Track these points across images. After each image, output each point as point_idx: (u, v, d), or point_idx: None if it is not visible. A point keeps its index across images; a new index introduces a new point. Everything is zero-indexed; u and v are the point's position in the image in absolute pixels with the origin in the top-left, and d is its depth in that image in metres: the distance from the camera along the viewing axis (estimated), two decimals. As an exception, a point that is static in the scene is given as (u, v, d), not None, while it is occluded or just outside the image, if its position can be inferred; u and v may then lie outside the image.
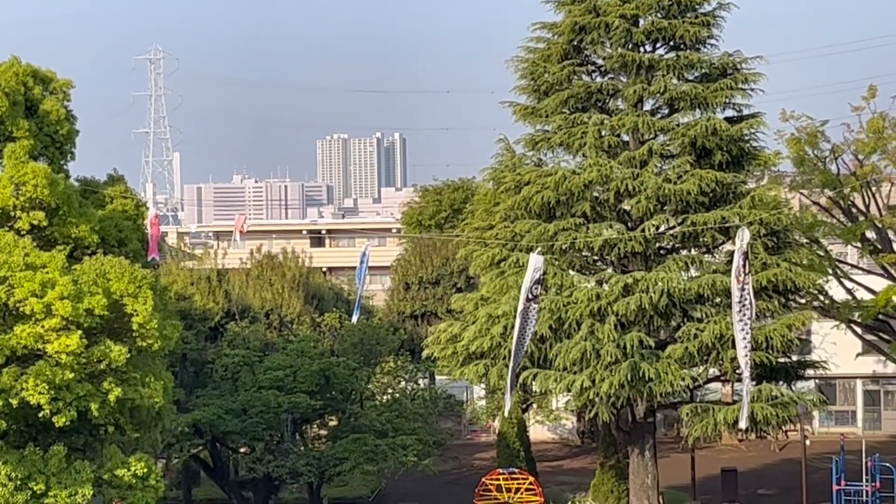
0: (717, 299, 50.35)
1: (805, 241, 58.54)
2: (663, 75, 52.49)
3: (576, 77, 53.37)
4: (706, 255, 53.07)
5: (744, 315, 43.82)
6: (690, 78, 52.98)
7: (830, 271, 61.18)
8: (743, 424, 47.15)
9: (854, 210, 62.40)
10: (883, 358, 70.06)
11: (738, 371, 47.45)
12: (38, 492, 39.09)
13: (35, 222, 40.81)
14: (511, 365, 45.27)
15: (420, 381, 72.04)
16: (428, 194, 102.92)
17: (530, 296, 45.20)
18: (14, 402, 38.67)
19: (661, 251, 52.94)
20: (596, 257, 53.07)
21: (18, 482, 38.95)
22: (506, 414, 52.25)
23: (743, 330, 43.60)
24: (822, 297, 59.93)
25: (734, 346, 46.10)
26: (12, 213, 40.72)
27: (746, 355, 43.76)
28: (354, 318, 67.64)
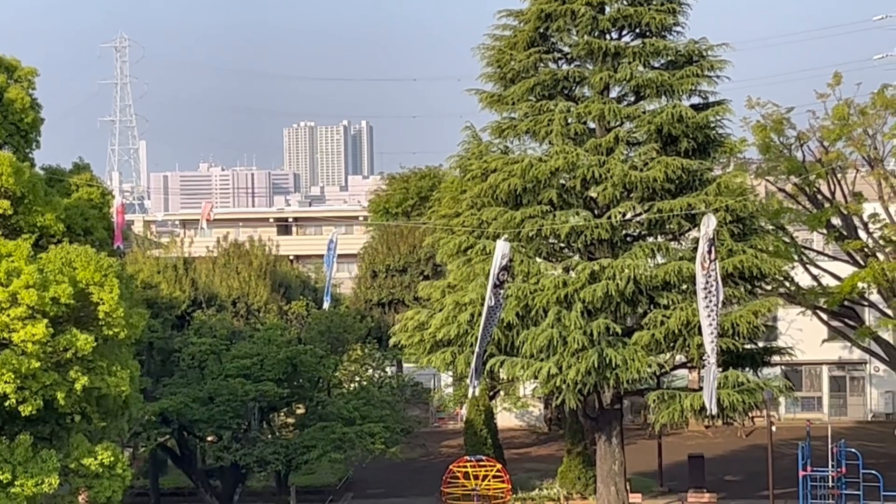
0: (684, 286, 50.58)
1: (771, 227, 58.87)
2: (629, 63, 52.65)
3: (542, 64, 53.54)
4: (672, 242, 53.29)
5: (710, 302, 44.16)
6: (656, 65, 53.18)
7: (796, 258, 61.58)
8: (710, 410, 47.67)
9: (819, 197, 62.71)
10: (849, 344, 70.48)
11: (704, 357, 47.73)
12: (4, 481, 39.11)
13: (0, 211, 40.85)
14: (477, 351, 45.55)
15: (387, 369, 72.12)
16: (395, 182, 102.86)
17: (497, 283, 45.46)
18: (-22, 392, 38.78)
19: (628, 238, 53.13)
20: (563, 244, 53.25)
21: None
22: (469, 395, 52.42)
23: (709, 316, 43.93)
24: (787, 284, 60.27)
25: (700, 333, 46.50)
26: (-25, 203, 40.71)
27: (713, 342, 44.13)
28: (326, 305, 68.03)
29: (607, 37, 53.11)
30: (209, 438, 56.33)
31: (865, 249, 61.50)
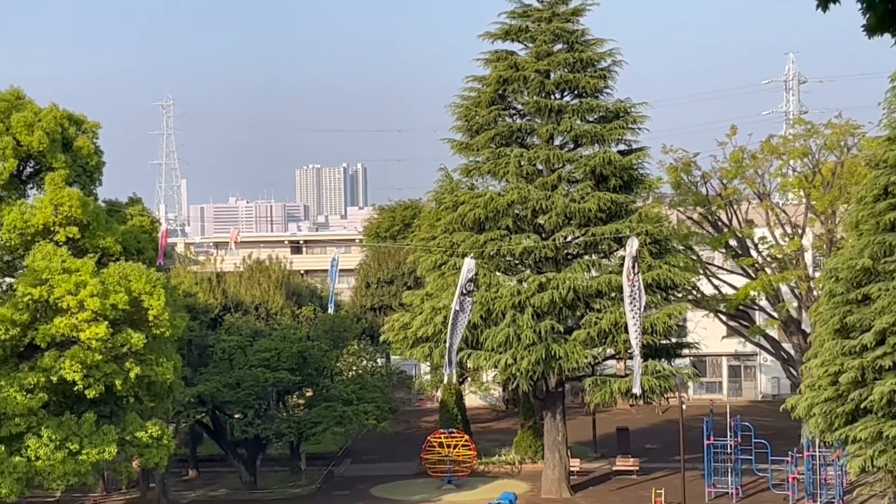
0: (613, 294, 50.68)
1: (681, 247, 58.92)
2: (569, 117, 52.73)
3: (500, 119, 53.51)
4: (604, 260, 53.37)
5: (634, 306, 44.05)
6: (591, 119, 53.26)
7: (701, 272, 61.58)
8: (635, 392, 47.61)
9: (720, 223, 62.76)
10: (743, 340, 70.53)
11: (629, 351, 47.65)
12: (73, 450, 38.94)
13: (70, 235, 40.67)
14: (450, 346, 45.53)
15: (378, 361, 71.99)
16: (384, 212, 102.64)
17: (465, 291, 45.41)
18: (54, 378, 38.59)
19: (568, 256, 53.18)
20: (517, 261, 53.23)
21: (58, 443, 38.76)
22: (444, 381, 52.35)
23: (634, 318, 43.88)
24: (695, 292, 60.30)
25: (626, 331, 46.55)
26: (52, 228, 40.55)
27: (637, 338, 44.10)
28: (330, 310, 67.90)
29: (552, 97, 53.17)
30: (236, 416, 56.10)
31: (756, 265, 61.55)
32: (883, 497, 42.37)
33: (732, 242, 62.54)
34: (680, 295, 56.19)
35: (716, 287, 63.40)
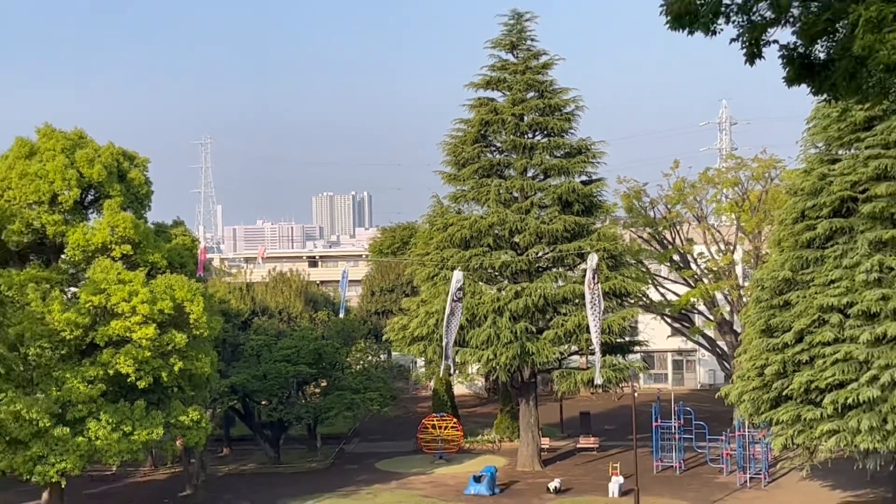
0: (576, 301, 50.71)
1: (633, 261, 59.05)
2: (540, 153, 53.00)
3: (483, 155, 53.68)
4: (569, 272, 53.47)
5: (594, 311, 44.06)
6: (558, 155, 53.47)
7: (650, 282, 61.69)
8: (597, 382, 47.66)
9: (665, 241, 62.90)
10: (685, 338, 70.63)
11: (590, 347, 47.76)
12: (127, 432, 38.98)
13: (124, 252, 40.77)
14: (444, 344, 45.80)
15: (381, 356, 71.99)
16: (386, 232, 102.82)
17: (455, 298, 45.52)
18: (111, 371, 38.67)
19: (539, 269, 53.27)
20: (497, 273, 53.29)
21: (114, 425, 38.79)
22: (442, 373, 52.37)
23: (594, 321, 43.91)
24: (644, 299, 60.36)
25: (588, 332, 46.64)
26: (109, 246, 40.68)
27: (596, 337, 44.16)
28: (341, 314, 68.00)
29: (525, 136, 53.34)
30: (263, 402, 56.12)
31: (695, 276, 61.68)
32: (801, 469, 42.45)
33: (675, 257, 62.71)
34: (632, 301, 56.40)
35: (662, 294, 63.53)
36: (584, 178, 53.74)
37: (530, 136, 53.56)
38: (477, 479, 47.42)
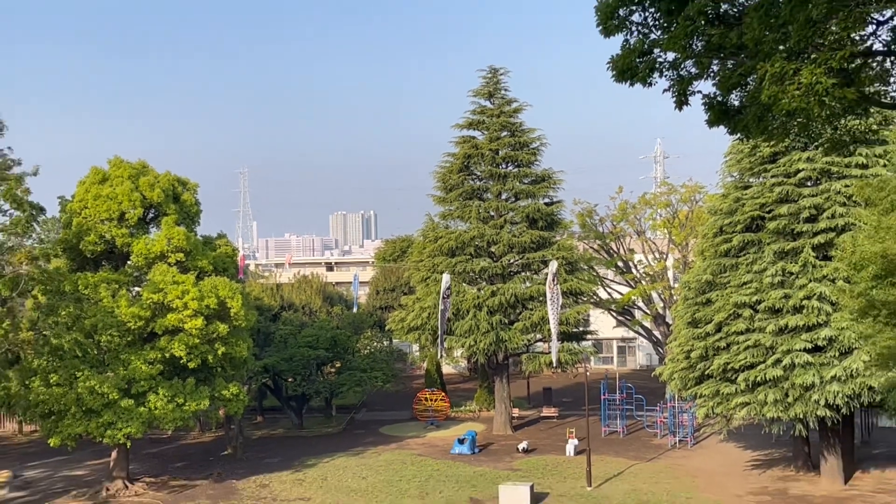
0: (540, 298, 50.69)
1: (586, 267, 59.14)
2: (511, 180, 53.02)
3: (466, 181, 53.69)
4: (534, 275, 53.47)
5: (554, 307, 44.14)
6: (526, 182, 53.47)
7: (599, 283, 61.82)
8: (554, 364, 47.68)
9: (611, 251, 63.14)
10: (627, 328, 70.78)
11: (551, 336, 47.73)
12: (180, 403, 38.85)
13: (178, 259, 40.66)
14: (440, 333, 45.99)
15: (384, 342, 71.82)
16: (388, 243, 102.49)
17: (444, 296, 45.57)
18: (167, 355, 38.55)
19: (511, 273, 53.29)
20: (477, 276, 53.27)
21: (169, 398, 38.64)
22: (438, 356, 52.52)
23: (554, 314, 44.02)
24: (595, 297, 60.51)
25: (549, 323, 46.55)
26: (166, 254, 40.57)
27: (555, 328, 44.24)
28: (355, 309, 67.83)
29: (500, 167, 53.42)
30: (289, 380, 55.95)
31: (635, 279, 61.89)
32: (720, 434, 42.47)
33: (620, 264, 62.96)
34: (585, 299, 56.50)
35: (609, 293, 63.74)
36: (546, 200, 53.83)
37: (504, 166, 53.63)
38: (461, 441, 47.42)
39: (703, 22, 11.60)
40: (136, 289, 41.40)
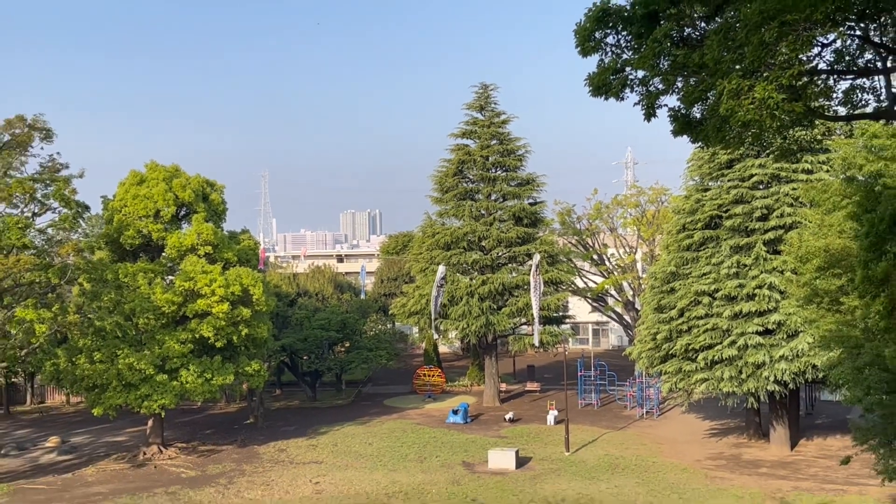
0: (525, 287, 50.69)
1: (565, 259, 59.04)
2: (500, 183, 52.90)
3: (460, 184, 53.61)
4: (519, 266, 53.43)
5: (537, 294, 44.11)
6: (512, 184, 53.37)
7: (576, 274, 61.79)
8: (537, 344, 47.67)
9: (587, 245, 63.07)
10: (601, 313, 70.77)
11: (534, 320, 47.75)
12: (208, 378, 38.84)
13: (207, 251, 40.60)
14: (432, 316, 45.79)
15: (387, 325, 71.78)
16: (391, 238, 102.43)
17: (440, 285, 45.51)
18: (197, 335, 38.48)
19: (499, 264, 53.19)
20: (469, 267, 53.22)
21: (198, 373, 38.62)
22: (434, 337, 52.50)
23: (536, 301, 44.01)
24: (573, 286, 60.44)
25: (532, 309, 46.54)
26: (196, 247, 40.50)
27: (538, 313, 44.21)
28: (362, 296, 67.71)
29: (490, 171, 53.30)
30: (304, 357, 55.88)
31: (608, 270, 61.86)
32: (682, 406, 42.59)
33: (595, 257, 62.88)
34: (564, 287, 56.37)
35: (585, 283, 63.68)
36: (530, 200, 53.75)
37: (493, 171, 53.55)
38: (454, 412, 47.45)
39: (668, 44, 11.62)
40: (170, 277, 41.36)
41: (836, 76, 11.63)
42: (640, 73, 11.95)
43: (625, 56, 12.06)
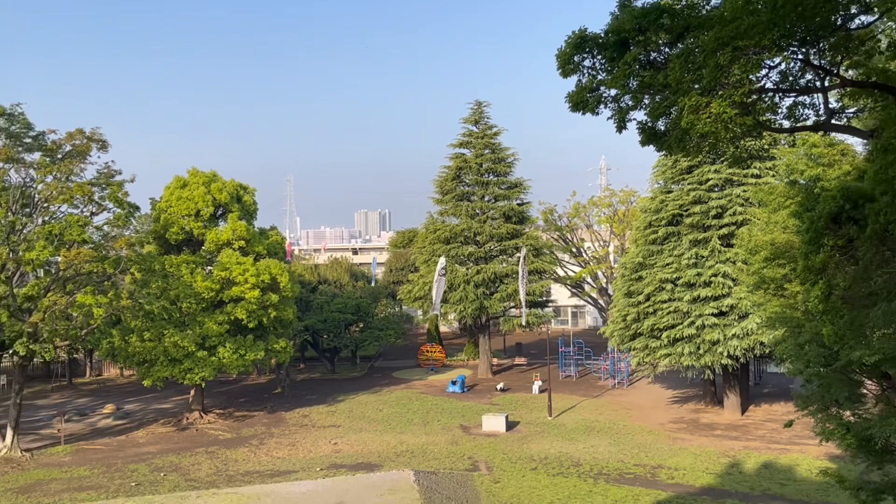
0: (514, 275, 50.57)
1: (548, 252, 58.96)
2: (492, 187, 52.76)
3: (457, 187, 53.46)
4: (509, 258, 53.35)
5: (524, 281, 44.02)
6: (502, 188, 53.24)
7: (558, 264, 61.77)
8: (524, 324, 47.60)
9: (567, 240, 63.04)
10: (579, 298, 70.81)
11: (520, 303, 47.69)
12: (242, 354, 38.77)
13: (240, 245, 40.49)
14: (436, 302, 45.68)
15: (396, 308, 71.73)
16: (399, 234, 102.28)
17: (441, 274, 45.39)
18: (232, 317, 38.39)
19: (491, 256, 53.09)
20: (466, 259, 53.14)
21: (233, 350, 38.54)
22: (436, 321, 52.52)
23: (523, 288, 43.92)
24: (554, 274, 60.45)
25: (520, 294, 46.47)
26: (231, 242, 40.37)
27: (524, 297, 44.12)
28: (373, 284, 67.56)
29: (483, 176, 53.14)
30: (324, 336, 55.85)
31: (585, 261, 61.85)
32: (648, 378, 42.64)
33: (573, 250, 62.87)
34: (547, 276, 56.35)
35: (565, 272, 63.69)
36: (518, 201, 53.61)
37: (486, 176, 53.42)
38: (453, 383, 47.50)
39: (637, 66, 11.61)
40: (209, 268, 41.36)
41: (781, 94, 11.62)
42: (613, 92, 11.93)
43: (599, 77, 12.03)
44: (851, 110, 12.76)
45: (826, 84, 11.72)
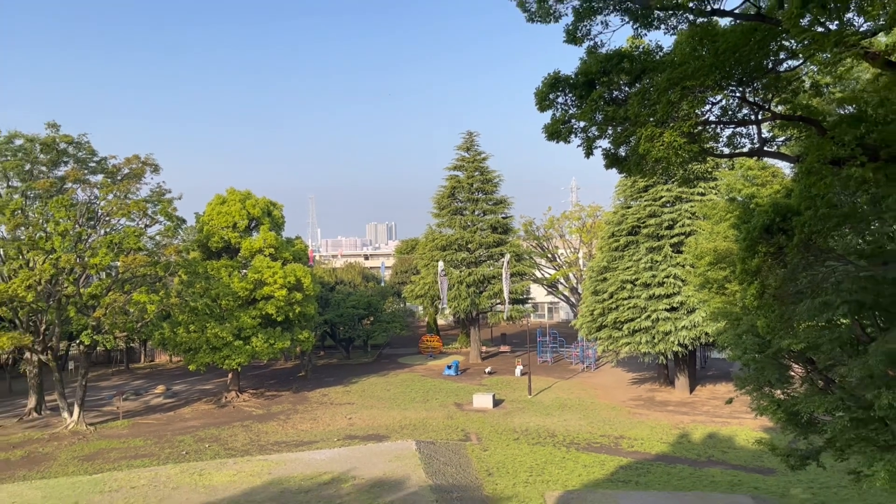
0: (499, 277, 50.50)
1: (528, 257, 58.84)
2: (481, 203, 52.52)
3: (452, 203, 53.30)
4: (495, 263, 53.14)
5: (507, 282, 43.85)
6: (490, 204, 53.10)
7: (536, 268, 61.64)
8: (507, 317, 47.35)
9: (543, 247, 62.96)
10: (554, 296, 70.66)
11: (504, 301, 47.52)
12: (272, 343, 38.53)
13: (270, 252, 40.27)
14: (443, 299, 45.60)
15: (400, 305, 71.54)
16: (404, 242, 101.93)
17: (441, 275, 45.19)
18: (263, 313, 38.16)
19: (480, 261, 52.89)
20: (459, 263, 52.90)
21: (265, 340, 38.17)
22: (445, 315, 52.41)
23: (507, 287, 43.71)
24: (533, 276, 60.31)
25: (504, 293, 46.26)
26: (262, 249, 40.13)
27: (508, 295, 43.95)
28: (382, 284, 67.24)
29: (474, 195, 52.97)
30: (341, 328, 55.59)
31: (558, 265, 61.74)
32: (612, 363, 42.55)
33: (549, 255, 62.80)
34: (527, 277, 56.20)
35: (542, 274, 63.61)
36: (503, 215, 53.49)
37: (476, 194, 53.28)
38: (449, 367, 47.33)
39: (602, 102, 11.64)
40: (244, 271, 41.22)
41: (722, 125, 11.67)
42: (582, 124, 11.96)
43: (571, 111, 12.06)
44: (781, 139, 12.81)
45: (760, 117, 11.77)
